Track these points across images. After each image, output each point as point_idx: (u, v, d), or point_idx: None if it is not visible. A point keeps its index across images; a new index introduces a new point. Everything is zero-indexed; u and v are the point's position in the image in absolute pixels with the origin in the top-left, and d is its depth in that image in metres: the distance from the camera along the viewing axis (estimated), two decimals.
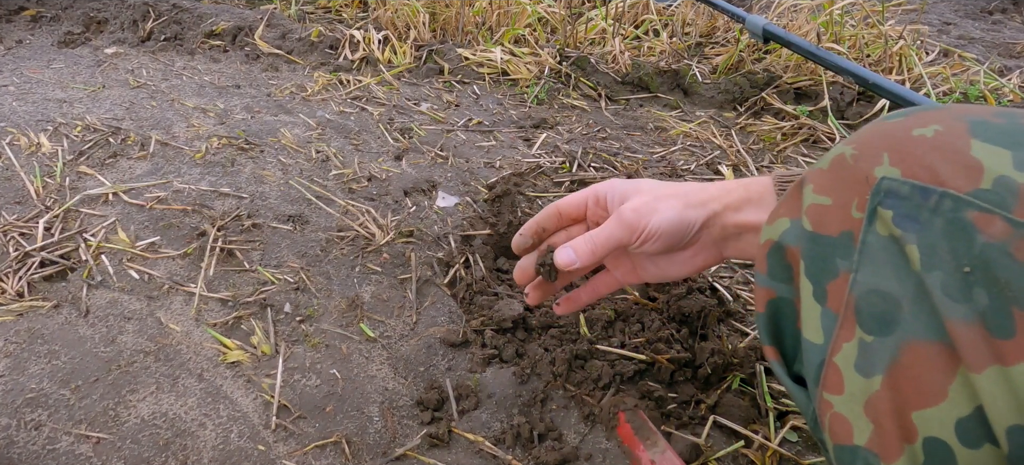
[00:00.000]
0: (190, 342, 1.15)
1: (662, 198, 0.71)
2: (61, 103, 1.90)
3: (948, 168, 0.39)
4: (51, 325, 1.17)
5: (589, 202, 0.80)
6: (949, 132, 0.41)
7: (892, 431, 0.40)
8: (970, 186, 0.38)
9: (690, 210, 0.71)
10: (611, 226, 0.72)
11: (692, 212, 0.71)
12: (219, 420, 1.03)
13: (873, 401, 0.41)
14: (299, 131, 1.82)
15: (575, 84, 2.26)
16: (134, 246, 1.34)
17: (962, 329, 0.37)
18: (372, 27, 2.46)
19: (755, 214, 0.69)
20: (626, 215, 0.71)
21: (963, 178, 0.39)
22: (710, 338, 1.19)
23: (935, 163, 0.40)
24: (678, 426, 1.04)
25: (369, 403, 1.07)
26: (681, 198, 0.71)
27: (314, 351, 1.15)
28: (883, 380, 0.40)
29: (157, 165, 1.61)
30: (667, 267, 0.78)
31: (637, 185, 0.75)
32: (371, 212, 1.48)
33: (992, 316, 0.36)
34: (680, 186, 0.74)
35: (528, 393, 1.08)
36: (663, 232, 0.70)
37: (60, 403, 1.03)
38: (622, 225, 0.72)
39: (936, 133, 0.41)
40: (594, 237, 0.73)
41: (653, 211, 0.71)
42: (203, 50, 2.40)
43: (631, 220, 0.71)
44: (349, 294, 1.27)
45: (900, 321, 0.40)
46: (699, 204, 0.71)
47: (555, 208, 0.82)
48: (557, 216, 0.82)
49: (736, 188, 0.72)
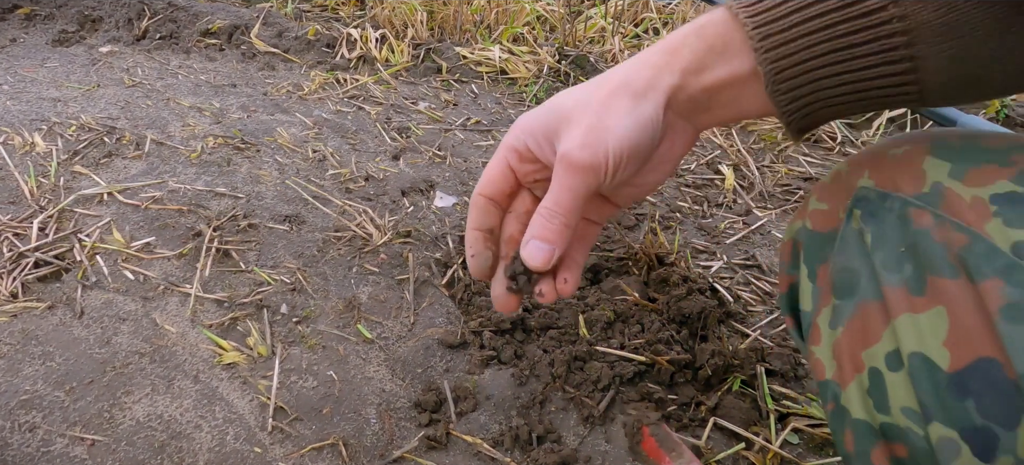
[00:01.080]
0: (186, 343, 1.15)
1: (601, 107, 0.55)
2: (55, 102, 1.90)
3: (904, 178, 0.53)
4: (45, 326, 1.17)
5: (512, 164, 0.61)
6: (913, 151, 0.54)
7: (848, 366, 0.56)
8: (915, 190, 0.52)
9: (643, 103, 0.55)
10: (566, 180, 0.55)
11: (647, 105, 0.55)
12: (215, 422, 1.03)
13: (837, 345, 0.57)
14: (296, 130, 1.82)
15: (574, 83, 2.26)
16: (129, 246, 1.34)
17: (892, 291, 0.53)
18: (369, 25, 2.47)
19: (726, 66, 0.54)
20: (576, 157, 0.54)
21: (911, 185, 0.53)
22: (710, 339, 1.19)
23: (896, 175, 0.54)
24: (678, 428, 1.04)
25: (366, 405, 1.07)
26: (623, 93, 0.55)
27: (311, 352, 1.15)
28: (843, 331, 0.57)
29: (152, 165, 1.61)
30: (645, 179, 0.61)
31: (556, 109, 0.57)
32: (368, 212, 1.48)
33: (913, 281, 0.52)
34: (608, 79, 0.57)
35: (527, 395, 1.08)
36: (628, 149, 0.54)
37: (54, 405, 1.03)
38: (577, 171, 0.54)
39: (904, 151, 0.55)
40: (555, 207, 0.56)
41: (604, 131, 0.54)
42: (199, 49, 2.40)
43: (585, 160, 0.54)
44: (346, 295, 1.27)
45: (858, 288, 0.56)
46: (648, 86, 0.55)
47: (480, 197, 0.62)
48: (491, 205, 0.62)
49: (685, 43, 0.55)
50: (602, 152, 0.54)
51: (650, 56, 0.56)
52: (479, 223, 0.62)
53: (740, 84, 0.54)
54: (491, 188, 0.62)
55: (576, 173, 0.54)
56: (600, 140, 0.54)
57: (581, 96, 0.57)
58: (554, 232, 0.56)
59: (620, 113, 0.54)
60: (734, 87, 0.54)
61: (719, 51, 0.54)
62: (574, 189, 0.55)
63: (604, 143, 0.54)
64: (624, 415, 1.06)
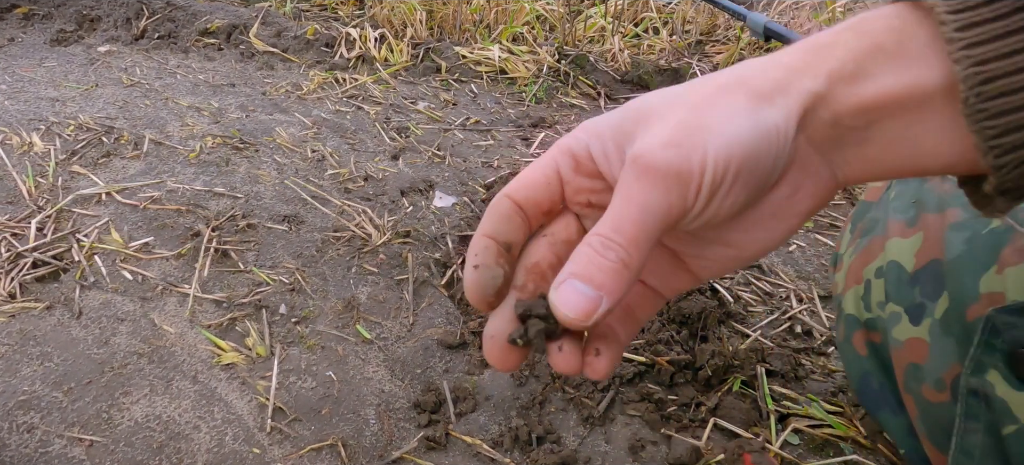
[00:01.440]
0: (184, 344, 1.16)
1: (703, 102, 0.37)
2: (53, 102, 1.90)
3: None
4: (43, 326, 1.17)
5: (563, 172, 0.42)
6: None
7: (851, 280, 0.75)
8: None
9: (767, 107, 0.36)
10: (637, 191, 0.35)
11: (772, 111, 0.36)
12: (213, 423, 1.03)
13: (849, 269, 0.76)
14: (294, 130, 1.82)
15: (574, 83, 2.27)
16: (127, 247, 1.34)
17: (894, 223, 0.70)
18: (368, 25, 2.47)
19: (899, 74, 0.35)
20: (656, 157, 0.35)
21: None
22: (710, 340, 1.19)
23: None
24: (678, 429, 1.04)
25: (365, 405, 1.07)
26: (737, 90, 0.37)
27: (310, 353, 1.15)
28: (855, 257, 0.75)
29: (151, 165, 1.61)
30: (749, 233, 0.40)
31: (634, 107, 0.39)
32: (367, 212, 1.48)
33: (911, 218, 0.68)
34: (713, 77, 0.39)
35: (526, 395, 1.08)
36: (739, 159, 0.35)
37: (53, 405, 1.03)
38: (656, 178, 0.35)
39: None
40: (615, 233, 0.36)
41: (704, 129, 0.35)
42: (197, 48, 2.40)
43: (669, 162, 0.35)
44: (345, 295, 1.27)
45: (875, 228, 0.73)
46: (776, 88, 0.36)
47: (506, 199, 0.42)
48: (517, 215, 0.42)
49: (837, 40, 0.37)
50: (698, 155, 0.35)
51: (782, 55, 0.38)
52: (494, 230, 0.42)
53: (919, 105, 0.35)
54: (524, 193, 0.42)
55: (653, 181, 0.35)
56: (696, 139, 0.35)
57: (673, 92, 0.39)
58: (607, 272, 0.35)
59: (731, 111, 0.36)
60: (909, 109, 0.35)
61: (891, 52, 0.35)
62: (647, 207, 0.35)
63: (701, 144, 0.35)
64: (624, 415, 1.06)
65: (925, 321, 0.63)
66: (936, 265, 0.63)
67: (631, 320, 0.44)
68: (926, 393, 0.63)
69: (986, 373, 0.54)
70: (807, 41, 0.38)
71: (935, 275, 0.63)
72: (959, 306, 0.59)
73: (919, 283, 0.65)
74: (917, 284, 0.65)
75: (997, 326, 0.53)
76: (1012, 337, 0.52)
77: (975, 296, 0.57)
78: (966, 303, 0.58)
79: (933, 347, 0.62)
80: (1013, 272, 0.55)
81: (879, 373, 0.75)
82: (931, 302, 0.63)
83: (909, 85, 0.35)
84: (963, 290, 0.59)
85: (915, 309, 0.64)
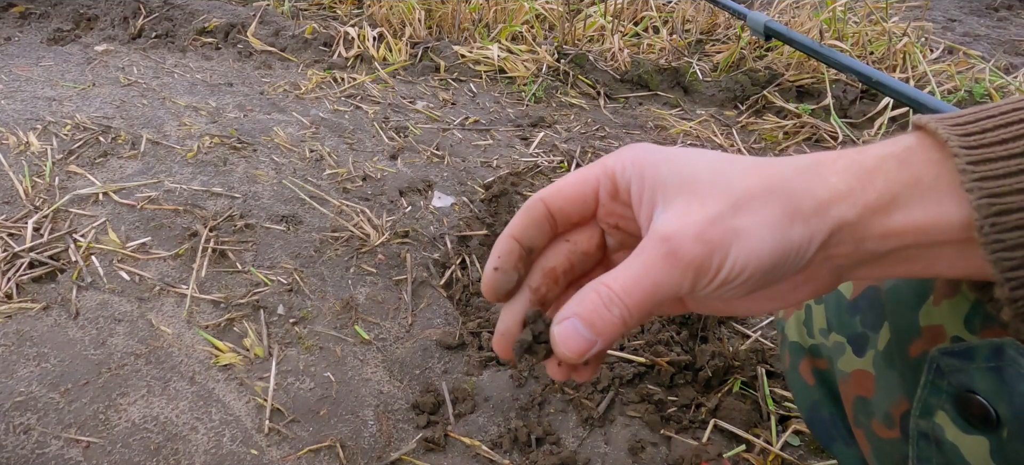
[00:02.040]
0: (182, 344, 1.16)
1: (743, 200, 0.40)
2: (50, 101, 1.90)
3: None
4: (40, 327, 1.17)
5: (601, 191, 0.46)
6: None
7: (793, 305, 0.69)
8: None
9: (799, 225, 0.40)
10: (655, 268, 0.40)
11: (801, 231, 0.40)
12: (211, 424, 1.03)
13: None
14: (292, 130, 1.82)
15: (573, 82, 2.27)
16: (125, 247, 1.34)
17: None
18: (367, 24, 2.47)
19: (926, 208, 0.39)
20: (685, 248, 0.39)
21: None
22: (711, 340, 1.19)
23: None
24: (678, 430, 1.04)
25: (364, 406, 1.07)
26: (779, 203, 0.40)
27: (308, 353, 1.15)
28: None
29: (148, 164, 1.61)
30: (741, 304, 0.46)
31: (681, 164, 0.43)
32: (366, 212, 1.48)
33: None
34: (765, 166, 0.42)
35: (526, 396, 1.08)
36: (753, 270, 0.40)
37: (49, 406, 1.03)
38: (676, 265, 0.40)
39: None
40: (623, 294, 0.40)
41: (735, 233, 0.40)
42: (195, 47, 2.40)
43: (694, 256, 0.39)
44: (343, 296, 1.27)
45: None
46: (814, 212, 0.40)
47: (541, 205, 0.46)
48: (547, 221, 0.47)
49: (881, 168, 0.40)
50: (720, 256, 0.39)
51: (829, 172, 0.41)
52: (522, 234, 0.46)
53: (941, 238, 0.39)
54: (560, 204, 0.46)
55: (673, 266, 0.39)
56: (725, 241, 0.39)
57: (721, 167, 0.42)
58: (606, 324, 0.40)
59: (764, 223, 0.40)
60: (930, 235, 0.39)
61: (926, 188, 0.39)
62: (659, 284, 0.39)
63: (727, 247, 0.39)
64: (623, 417, 1.06)
65: (869, 353, 0.60)
66: (873, 292, 0.60)
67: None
68: (876, 428, 0.60)
69: (934, 415, 0.51)
70: (857, 156, 0.41)
71: (873, 303, 0.60)
72: (901, 341, 0.55)
73: (859, 312, 0.61)
74: (858, 312, 0.61)
75: (942, 368, 0.50)
76: (958, 381, 0.49)
77: (916, 330, 0.53)
78: (908, 338, 0.54)
79: (879, 379, 0.59)
80: (949, 305, 0.51)
81: (828, 403, 0.70)
82: (873, 333, 0.60)
83: (934, 217, 0.39)
84: (903, 324, 0.55)
85: (858, 339, 0.61)
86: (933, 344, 0.51)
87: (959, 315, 0.50)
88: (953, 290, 0.51)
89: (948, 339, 0.51)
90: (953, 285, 0.51)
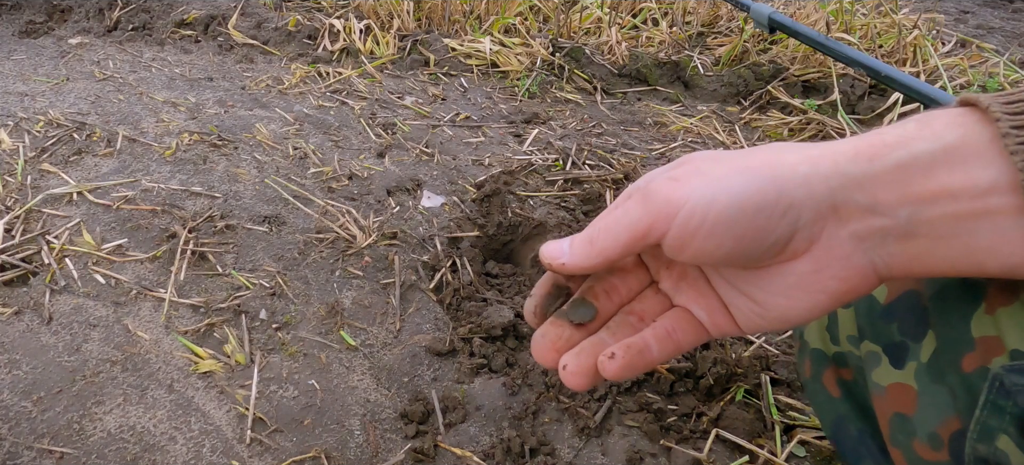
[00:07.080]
0: (159, 351, 1.16)
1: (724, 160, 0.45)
2: (22, 97, 1.89)
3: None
4: (12, 333, 1.17)
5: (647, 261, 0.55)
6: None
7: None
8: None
9: (775, 175, 0.42)
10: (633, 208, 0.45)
11: (776, 177, 0.42)
12: (190, 434, 1.03)
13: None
14: (275, 126, 1.82)
15: (569, 76, 2.27)
16: (100, 249, 1.34)
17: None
18: (353, 16, 2.47)
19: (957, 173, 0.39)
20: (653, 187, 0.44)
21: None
22: (712, 346, 1.20)
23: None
24: (678, 440, 1.05)
25: (350, 416, 1.07)
26: (759, 158, 0.44)
27: (291, 360, 1.15)
28: None
29: (124, 163, 1.61)
30: (769, 296, 0.47)
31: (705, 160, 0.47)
32: (352, 213, 1.49)
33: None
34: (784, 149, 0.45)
35: (519, 405, 1.09)
36: (720, 213, 0.42)
37: (21, 416, 1.03)
38: (649, 207, 0.44)
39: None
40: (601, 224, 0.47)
41: (697, 175, 0.44)
42: (173, 40, 2.40)
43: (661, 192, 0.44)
44: (329, 300, 1.27)
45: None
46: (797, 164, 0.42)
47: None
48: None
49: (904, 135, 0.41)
50: (684, 191, 0.43)
51: (841, 142, 0.43)
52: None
53: (976, 205, 0.39)
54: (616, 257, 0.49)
55: (647, 207, 0.44)
56: (688, 178, 0.44)
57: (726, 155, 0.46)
58: (579, 241, 0.47)
59: (735, 169, 0.43)
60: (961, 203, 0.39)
61: (953, 153, 0.39)
62: (632, 225, 0.45)
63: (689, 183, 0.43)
64: (621, 426, 1.06)
65: (909, 364, 0.57)
66: (913, 298, 0.57)
67: (669, 341, 0.51)
68: (919, 449, 0.56)
69: (996, 439, 0.48)
70: (871, 134, 0.43)
71: (913, 308, 0.57)
72: (952, 353, 0.53)
73: (895, 318, 0.58)
74: (894, 318, 0.58)
75: (1007, 387, 0.47)
76: None
77: (968, 342, 0.51)
78: (959, 350, 0.52)
79: (922, 395, 0.56)
80: (1007, 314, 0.48)
81: (857, 418, 0.67)
82: (914, 342, 0.56)
83: (967, 184, 0.39)
84: (952, 334, 0.53)
85: (895, 349, 0.58)
86: (989, 357, 0.49)
87: (1020, 326, 0.48)
88: (1009, 297, 0.48)
89: (1007, 353, 0.48)
90: (1009, 291, 0.49)
